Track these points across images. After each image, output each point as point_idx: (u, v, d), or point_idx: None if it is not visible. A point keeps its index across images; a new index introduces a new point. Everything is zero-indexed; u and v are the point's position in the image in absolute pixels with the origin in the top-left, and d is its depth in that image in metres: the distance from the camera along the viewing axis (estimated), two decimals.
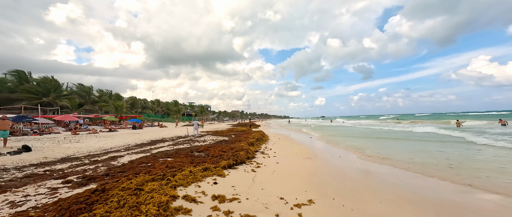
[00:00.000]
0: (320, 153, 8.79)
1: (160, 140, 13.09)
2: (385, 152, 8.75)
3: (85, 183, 4.15)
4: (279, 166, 6.01)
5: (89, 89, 42.17)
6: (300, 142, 13.02)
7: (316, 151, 9.39)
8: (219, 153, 7.28)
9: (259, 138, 11.65)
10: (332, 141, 13.45)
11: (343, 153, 8.69)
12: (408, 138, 13.94)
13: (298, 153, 8.44)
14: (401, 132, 17.95)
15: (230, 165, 5.56)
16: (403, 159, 7.30)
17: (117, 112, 36.69)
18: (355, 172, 5.64)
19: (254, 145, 9.53)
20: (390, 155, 7.97)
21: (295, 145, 11.11)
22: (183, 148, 9.18)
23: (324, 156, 7.99)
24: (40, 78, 35.45)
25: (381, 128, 23.99)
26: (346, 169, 5.99)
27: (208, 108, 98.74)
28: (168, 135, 16.76)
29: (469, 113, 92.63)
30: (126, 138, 14.50)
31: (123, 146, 10.42)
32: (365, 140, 13.39)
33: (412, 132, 17.12)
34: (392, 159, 7.33)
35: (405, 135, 15.79)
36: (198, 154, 7.50)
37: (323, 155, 8.33)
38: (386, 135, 15.96)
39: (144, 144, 11.17)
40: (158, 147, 9.75)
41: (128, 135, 16.50)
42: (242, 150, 7.16)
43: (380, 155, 8.11)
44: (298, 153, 8.54)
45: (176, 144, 10.70)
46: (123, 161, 6.41)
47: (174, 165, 5.55)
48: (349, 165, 6.48)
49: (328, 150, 9.63)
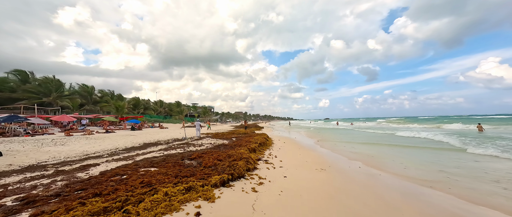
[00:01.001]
0: (334, 162, 7.42)
1: (154, 143, 11.93)
2: (413, 164, 7.32)
3: (16, 211, 2.94)
4: (288, 182, 4.70)
5: (91, 89, 41.75)
6: (308, 147, 11.65)
7: (329, 159, 8.02)
8: (213, 161, 6.01)
9: (262, 142, 10.36)
10: (345, 147, 12.03)
11: (362, 163, 7.30)
12: (430, 147, 12.38)
13: (309, 162, 7.09)
14: (425, 140, 15.31)
15: (224, 182, 4.28)
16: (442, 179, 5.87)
17: (118, 112, 35.99)
18: (389, 193, 4.27)
19: (256, 151, 8.22)
20: (419, 169, 6.54)
21: (303, 151, 9.76)
22: (174, 153, 7.96)
23: (340, 167, 6.63)
24: (42, 78, 35.10)
25: (394, 132, 22.26)
26: (375, 187, 4.63)
27: (211, 109, 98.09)
28: (165, 137, 15.63)
29: (477, 115, 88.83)
30: (119, 140, 13.42)
31: (109, 150, 9.28)
32: (385, 148, 11.90)
33: (434, 141, 15.28)
34: (423, 172, 5.91)
35: (429, 143, 14.19)
36: (188, 163, 6.26)
37: (338, 165, 6.96)
38: (406, 142, 14.40)
39: (134, 148, 10.02)
40: (147, 152, 8.56)
41: (122, 137, 15.45)
42: (241, 159, 5.88)
43: (407, 167, 6.70)
44: (309, 162, 7.20)
45: (169, 149, 9.50)
46: (94, 172, 5.21)
47: (152, 180, 4.30)
48: (377, 182, 5.10)
49: (342, 159, 8.25)
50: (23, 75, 34.68)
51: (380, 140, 15.43)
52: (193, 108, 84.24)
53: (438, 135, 15.45)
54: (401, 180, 5.24)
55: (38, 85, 34.05)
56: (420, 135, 16.51)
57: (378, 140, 15.06)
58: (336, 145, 12.64)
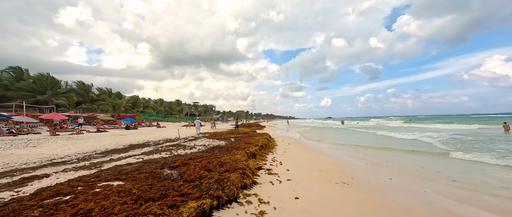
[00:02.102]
0: (355, 171, 5.87)
1: (141, 144, 10.50)
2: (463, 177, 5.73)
3: None
4: (303, 208, 3.18)
5: (88, 87, 40.63)
6: (316, 149, 10.10)
7: (346, 166, 6.46)
8: (199, 172, 4.51)
9: (264, 144, 8.84)
10: (357, 149, 10.45)
11: (390, 172, 5.74)
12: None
13: (323, 171, 5.56)
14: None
15: (204, 213, 2.76)
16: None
17: (115, 110, 34.79)
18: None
19: (257, 156, 6.69)
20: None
21: (312, 155, 8.22)
22: (156, 159, 6.48)
23: (365, 179, 5.08)
24: (36, 75, 34.02)
25: (408, 135, 20.43)
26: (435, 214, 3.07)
27: (213, 108, 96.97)
28: (157, 137, 14.22)
29: (483, 115, 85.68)
30: (104, 141, 12.02)
31: (84, 154, 7.85)
32: (402, 154, 10.29)
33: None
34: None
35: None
36: (168, 173, 4.77)
37: (362, 175, 5.41)
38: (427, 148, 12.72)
39: (115, 151, 8.59)
40: (126, 156, 7.11)
41: (110, 137, 14.07)
42: (236, 170, 4.36)
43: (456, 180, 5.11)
44: (323, 170, 5.66)
45: (154, 152, 8.04)
46: (29, 189, 3.75)
47: (96, 208, 2.81)
48: (432, 206, 3.55)
49: (362, 166, 6.68)
50: (18, 73, 33.65)
51: (392, 142, 13.79)
52: (194, 107, 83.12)
53: (466, 137, 13.72)
54: (457, 203, 3.68)
55: (32, 83, 32.96)
56: (441, 136, 14.81)
57: (393, 143, 13.43)
58: (345, 147, 11.07)
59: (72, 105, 35.98)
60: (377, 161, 7.59)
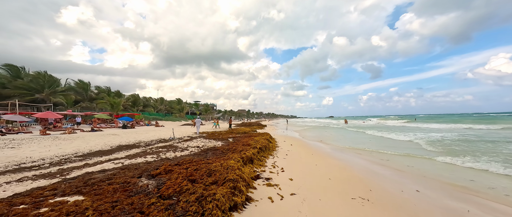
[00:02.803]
0: (373, 180, 4.91)
1: (130, 146, 9.64)
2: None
3: None
4: None
5: (86, 85, 40.05)
6: (322, 151, 9.14)
7: (360, 173, 5.50)
8: (181, 184, 3.59)
9: (263, 146, 7.90)
10: (369, 152, 9.47)
11: (414, 180, 4.78)
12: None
13: (334, 180, 4.61)
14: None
15: None
16: None
17: (113, 109, 34.15)
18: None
19: (255, 161, 5.75)
20: None
21: (318, 159, 7.27)
22: (137, 163, 5.59)
23: (388, 190, 4.13)
24: (34, 73, 33.46)
25: (427, 135, 19.16)
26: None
27: (214, 107, 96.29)
28: (151, 137, 13.38)
29: (489, 114, 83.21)
30: (93, 141, 11.20)
31: (63, 156, 7.01)
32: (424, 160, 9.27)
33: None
34: None
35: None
36: (144, 184, 3.87)
37: (383, 186, 4.46)
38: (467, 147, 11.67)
39: (99, 153, 7.73)
40: (106, 160, 6.24)
41: (102, 137, 13.27)
42: (226, 182, 3.44)
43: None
44: (333, 179, 4.72)
45: (140, 155, 7.17)
46: None
47: None
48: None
49: (380, 173, 5.72)
50: (15, 71, 33.11)
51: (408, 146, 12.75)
52: (194, 106, 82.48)
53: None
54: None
55: (30, 81, 32.41)
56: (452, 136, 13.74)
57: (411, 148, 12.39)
58: (353, 148, 10.09)
59: (70, 104, 35.43)
60: (394, 165, 6.62)
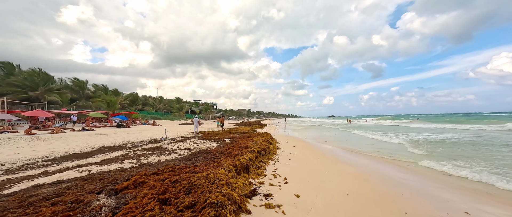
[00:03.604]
0: (402, 194, 3.88)
1: (114, 147, 8.66)
2: None
3: None
4: None
5: (82, 83, 39.15)
6: (331, 155, 8.10)
7: (385, 185, 4.47)
8: (144, 209, 2.59)
9: (263, 148, 6.87)
10: (386, 154, 8.41)
11: (457, 195, 3.75)
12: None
13: (353, 197, 3.59)
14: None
15: None
16: None
17: (110, 108, 33.25)
18: None
19: (251, 169, 4.72)
20: None
21: (328, 164, 6.24)
22: (106, 172, 4.59)
23: (429, 214, 3.11)
24: (28, 70, 32.57)
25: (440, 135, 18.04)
26: None
27: (214, 106, 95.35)
28: (143, 137, 12.40)
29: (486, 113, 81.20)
30: (76, 142, 10.23)
31: (28, 161, 6.03)
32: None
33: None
34: None
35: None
36: (96, 205, 2.84)
37: (418, 204, 3.43)
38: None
39: (73, 156, 6.75)
40: (74, 167, 5.26)
41: (89, 137, 12.30)
42: (206, 207, 2.43)
43: None
44: (352, 195, 3.69)
45: (118, 159, 6.18)
46: None
47: None
48: None
49: (407, 183, 4.68)
50: (8, 68, 32.27)
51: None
52: (194, 104, 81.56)
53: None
54: None
55: (23, 78, 31.52)
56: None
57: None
58: (367, 150, 9.04)
59: (66, 103, 34.55)
60: (423, 170, 5.59)
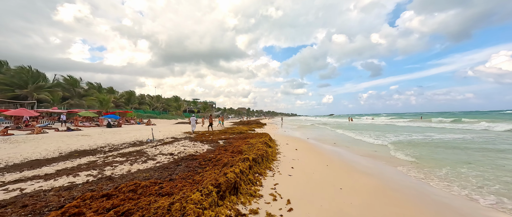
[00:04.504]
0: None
1: (86, 152, 7.45)
2: None
3: None
4: None
5: (75, 81, 37.80)
6: (342, 160, 6.90)
7: (429, 206, 3.30)
8: None
9: (260, 155, 5.67)
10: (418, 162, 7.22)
11: None
12: None
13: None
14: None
15: None
16: None
17: (102, 106, 32.00)
18: None
19: (241, 187, 3.47)
20: None
21: (339, 174, 5.06)
22: (43, 191, 3.41)
23: None
24: (16, 68, 31.21)
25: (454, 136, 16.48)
26: None
27: (213, 105, 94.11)
28: (129, 138, 11.19)
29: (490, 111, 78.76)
30: (47, 144, 9.02)
31: None
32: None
33: None
34: None
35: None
36: None
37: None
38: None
39: (28, 164, 5.55)
40: (13, 181, 4.07)
41: (67, 138, 11.08)
42: None
43: None
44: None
45: (75, 171, 5.00)
46: None
47: None
48: None
49: (454, 205, 3.50)
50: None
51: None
52: (193, 103, 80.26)
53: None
54: None
55: (11, 76, 30.18)
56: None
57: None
58: (382, 152, 7.85)
59: (57, 101, 33.21)
60: (485, 181, 4.43)
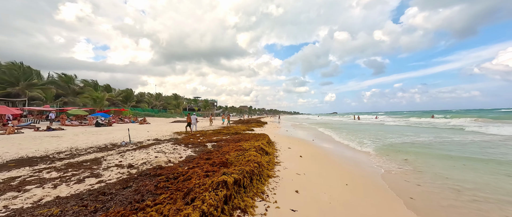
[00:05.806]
0: None
1: (38, 158, 5.94)
2: None
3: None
4: None
5: (70, 79, 36.62)
6: (357, 170, 5.26)
7: None
8: None
9: (246, 172, 4.04)
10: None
11: None
12: None
13: None
14: None
15: None
16: None
17: (96, 104, 30.71)
18: None
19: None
20: None
21: (366, 200, 3.44)
22: None
23: None
24: (7, 64, 30.04)
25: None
26: None
27: (214, 103, 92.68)
28: (100, 142, 9.70)
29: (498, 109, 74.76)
30: (14, 146, 7.53)
31: None
32: None
33: None
34: None
35: None
36: None
37: None
38: None
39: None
40: None
41: (32, 140, 9.63)
42: None
43: None
44: None
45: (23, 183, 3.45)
46: None
47: None
48: None
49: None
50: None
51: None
52: (193, 101, 78.91)
53: None
54: None
55: (2, 72, 29.02)
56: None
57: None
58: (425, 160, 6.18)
59: (50, 99, 32.05)
60: None
